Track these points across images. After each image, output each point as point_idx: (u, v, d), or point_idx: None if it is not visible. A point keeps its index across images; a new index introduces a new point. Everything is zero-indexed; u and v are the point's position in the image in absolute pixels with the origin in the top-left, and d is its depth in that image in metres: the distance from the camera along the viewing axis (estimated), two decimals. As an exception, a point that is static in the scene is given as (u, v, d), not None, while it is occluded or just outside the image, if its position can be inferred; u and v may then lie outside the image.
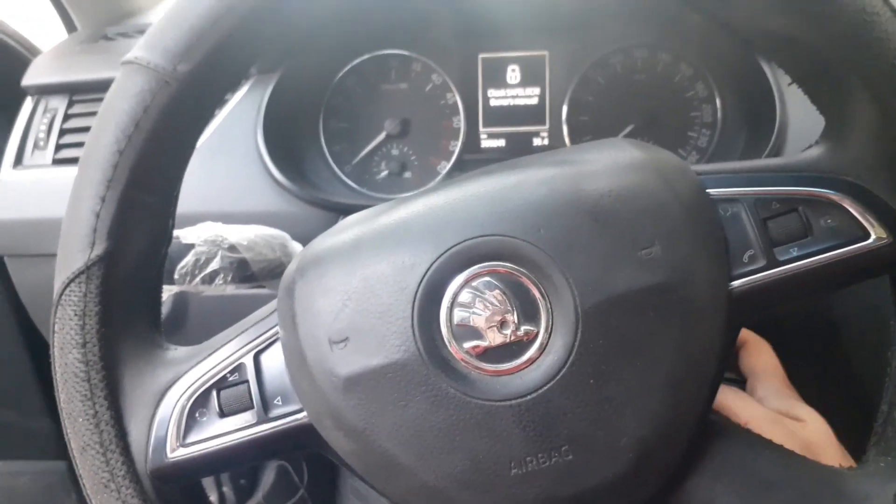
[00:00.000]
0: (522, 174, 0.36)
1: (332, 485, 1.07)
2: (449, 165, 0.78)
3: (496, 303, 0.33)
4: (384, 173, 0.79)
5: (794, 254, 0.34)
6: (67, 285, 0.36)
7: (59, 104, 0.77)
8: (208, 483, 0.97)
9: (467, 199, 0.35)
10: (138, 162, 0.36)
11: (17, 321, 0.91)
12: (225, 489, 1.01)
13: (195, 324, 0.64)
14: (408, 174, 0.79)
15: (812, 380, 0.51)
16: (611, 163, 0.35)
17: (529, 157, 0.40)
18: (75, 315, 0.36)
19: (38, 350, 0.95)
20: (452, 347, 0.33)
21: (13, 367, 0.96)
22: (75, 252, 0.36)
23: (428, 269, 0.33)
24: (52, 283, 0.72)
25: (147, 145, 0.36)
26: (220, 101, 0.39)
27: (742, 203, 0.35)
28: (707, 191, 0.35)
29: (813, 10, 0.32)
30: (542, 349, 0.32)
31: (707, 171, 0.37)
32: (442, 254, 0.33)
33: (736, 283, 0.34)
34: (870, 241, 0.34)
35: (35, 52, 0.95)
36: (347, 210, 0.67)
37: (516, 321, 0.32)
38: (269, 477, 1.03)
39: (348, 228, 0.38)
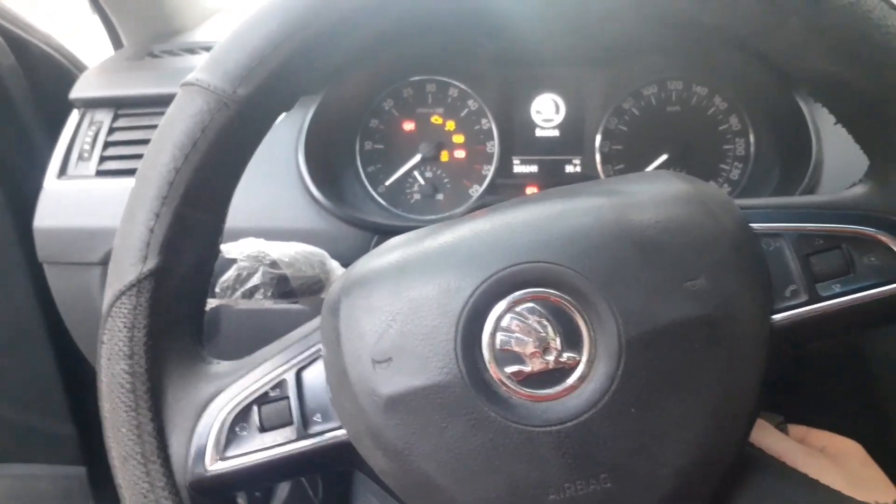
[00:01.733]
0: (568, 203, 0.36)
1: (347, 499, 1.06)
2: (481, 189, 0.79)
3: (539, 329, 0.33)
4: (417, 195, 0.80)
5: (837, 290, 0.35)
6: (119, 297, 0.37)
7: (104, 117, 0.79)
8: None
9: (512, 226, 0.36)
10: (193, 180, 0.37)
11: (48, 327, 0.92)
12: (240, 501, 1.01)
13: (230, 337, 0.65)
14: (440, 196, 0.80)
15: (846, 415, 0.51)
16: (657, 194, 0.35)
17: (573, 185, 0.40)
18: (125, 327, 0.37)
19: (66, 356, 0.96)
20: (494, 371, 0.33)
21: (40, 371, 0.97)
22: (128, 265, 0.37)
23: (472, 294, 0.34)
24: (89, 290, 0.74)
25: (203, 165, 0.37)
26: (272, 124, 0.41)
27: (785, 238, 0.36)
28: (751, 225, 0.36)
29: (863, 53, 0.33)
30: (584, 377, 0.32)
31: (751, 205, 0.37)
32: (487, 279, 0.34)
33: (778, 316, 0.34)
34: None
35: (80, 66, 0.98)
36: (381, 230, 0.68)
37: (559, 348, 0.33)
38: (283, 490, 1.03)
39: (393, 250, 0.39)
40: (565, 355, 0.33)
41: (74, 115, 0.80)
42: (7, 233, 0.86)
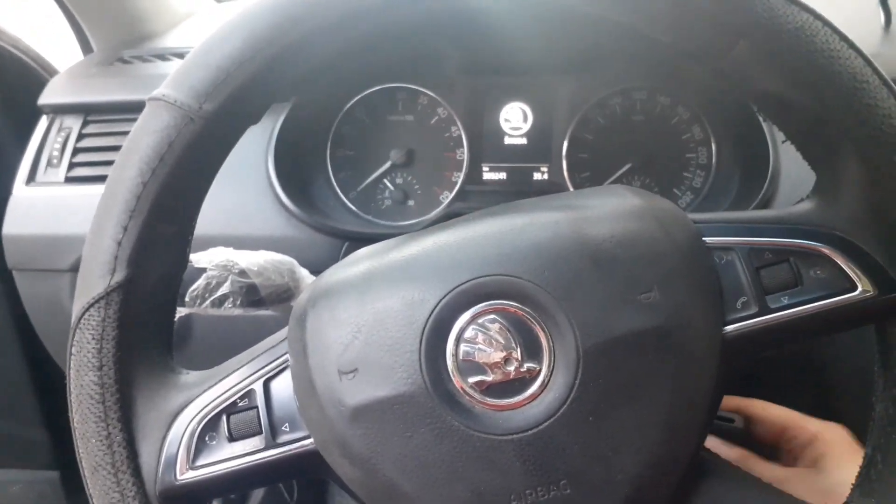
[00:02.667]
0: (528, 217, 0.37)
1: (322, 501, 1.07)
2: (451, 196, 0.80)
3: (501, 340, 0.34)
4: (388, 201, 0.80)
5: (785, 302, 0.36)
6: (87, 310, 0.37)
7: (73, 124, 0.78)
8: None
9: (475, 239, 0.37)
10: (160, 194, 0.37)
11: (18, 333, 0.92)
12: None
13: (200, 344, 0.65)
14: (411, 202, 0.81)
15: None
16: (612, 209, 0.37)
17: (534, 199, 0.41)
18: (93, 339, 0.37)
19: (36, 362, 0.96)
20: (457, 382, 0.34)
21: (11, 377, 0.96)
22: (96, 278, 0.37)
23: (436, 305, 0.34)
24: (58, 297, 0.74)
25: (169, 178, 0.37)
26: (240, 137, 0.41)
27: (736, 252, 0.37)
28: (703, 238, 0.37)
29: (807, 76, 0.34)
30: (544, 386, 0.33)
31: (704, 219, 0.39)
32: (450, 291, 0.35)
33: (729, 328, 0.36)
34: (856, 293, 0.35)
35: (50, 70, 0.97)
36: (352, 237, 0.69)
37: (520, 358, 0.34)
38: (258, 493, 1.03)
39: (359, 262, 0.39)
40: (526, 366, 0.34)
41: (43, 122, 0.80)
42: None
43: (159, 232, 0.38)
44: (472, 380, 0.34)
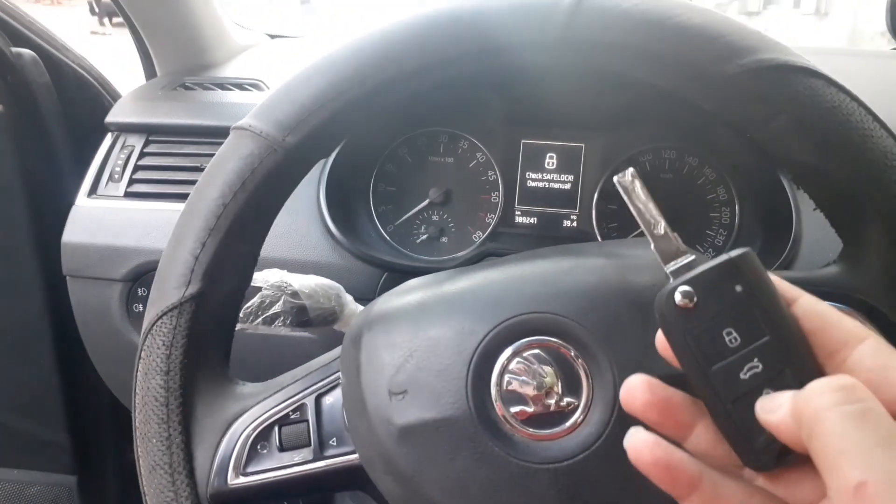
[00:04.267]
0: (575, 260, 0.40)
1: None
2: (484, 236, 0.83)
3: (543, 374, 0.36)
4: (423, 236, 0.84)
5: None
6: (160, 317, 0.40)
7: (136, 142, 0.83)
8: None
9: (524, 277, 0.39)
10: (238, 215, 0.40)
11: (58, 337, 0.94)
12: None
13: (246, 359, 0.68)
14: (444, 239, 0.84)
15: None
16: (654, 259, 0.40)
17: (580, 245, 0.44)
18: (163, 345, 0.39)
19: (68, 367, 0.98)
20: (500, 410, 0.36)
21: (43, 379, 0.98)
22: (172, 288, 0.40)
23: (485, 337, 0.37)
24: (107, 304, 0.77)
25: (248, 202, 0.40)
26: (311, 168, 0.45)
27: None
28: None
29: (842, 151, 0.37)
30: (581, 421, 0.36)
31: None
32: (498, 324, 0.37)
33: None
34: None
35: (109, 88, 1.01)
36: (390, 268, 0.72)
37: (560, 392, 0.36)
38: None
39: (413, 291, 0.42)
40: (565, 400, 0.36)
41: (108, 138, 0.84)
42: (28, 245, 0.89)
43: (233, 250, 0.41)
44: (513, 409, 0.36)
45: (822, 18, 6.15)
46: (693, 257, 0.31)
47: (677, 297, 0.29)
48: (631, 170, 0.33)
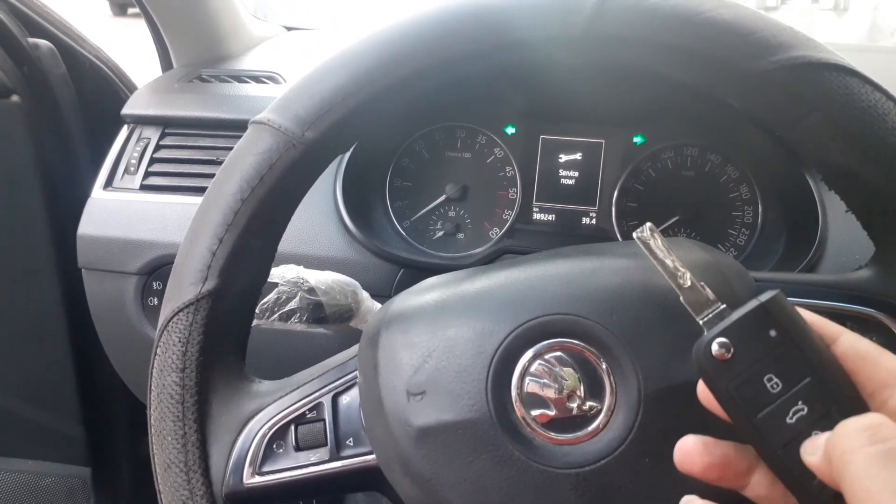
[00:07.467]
0: (598, 261, 0.39)
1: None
2: (501, 232, 0.83)
3: (565, 377, 0.35)
4: (440, 232, 0.83)
5: None
6: (176, 314, 0.39)
7: (152, 134, 0.82)
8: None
9: (546, 278, 0.38)
10: (256, 211, 0.39)
11: (74, 329, 0.95)
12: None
13: (261, 355, 0.68)
14: (461, 235, 0.83)
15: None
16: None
17: (603, 245, 0.43)
18: (179, 342, 0.39)
19: (83, 359, 0.99)
20: (520, 413, 0.35)
21: (59, 371, 0.99)
22: (188, 285, 0.39)
23: (505, 338, 0.36)
24: (122, 297, 0.77)
25: (266, 197, 0.39)
26: (330, 163, 0.44)
27: None
28: None
29: (876, 152, 0.36)
30: (604, 425, 0.35)
31: (763, 278, 0.40)
32: (520, 325, 0.36)
33: None
34: None
35: (125, 80, 1.01)
36: (407, 264, 0.72)
37: (582, 396, 0.35)
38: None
39: (432, 290, 0.41)
40: (588, 404, 0.35)
41: (124, 131, 0.84)
42: (44, 237, 0.89)
43: (251, 246, 0.40)
44: (534, 412, 0.35)
45: (841, 14, 6.08)
46: (723, 306, 0.31)
47: (714, 348, 0.29)
48: (649, 224, 0.33)
